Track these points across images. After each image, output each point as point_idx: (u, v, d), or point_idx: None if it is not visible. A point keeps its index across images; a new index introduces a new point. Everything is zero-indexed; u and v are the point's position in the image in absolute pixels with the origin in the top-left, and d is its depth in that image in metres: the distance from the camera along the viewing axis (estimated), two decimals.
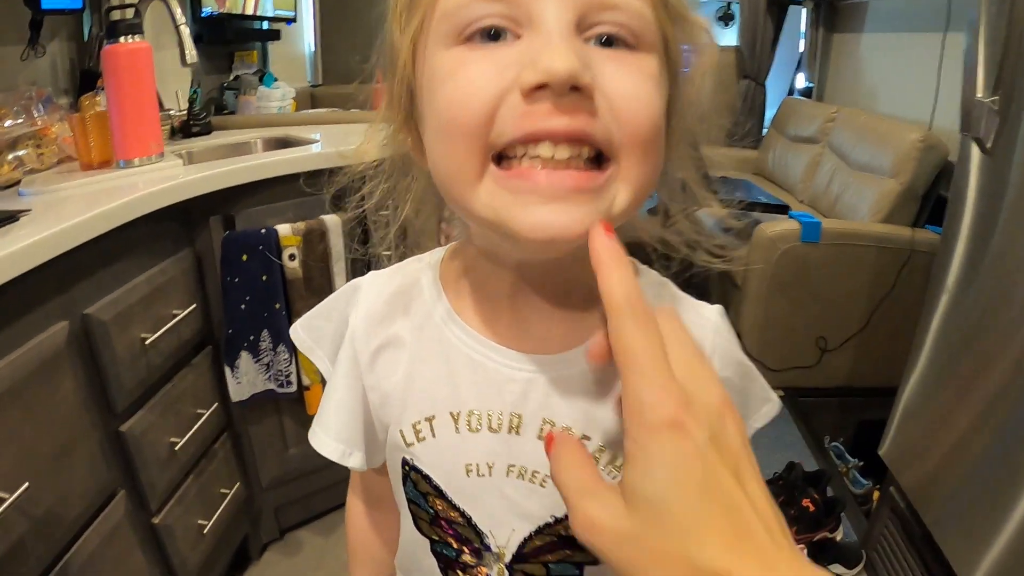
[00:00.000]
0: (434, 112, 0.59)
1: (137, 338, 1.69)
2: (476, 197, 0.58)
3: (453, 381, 0.72)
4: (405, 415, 0.75)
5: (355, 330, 0.78)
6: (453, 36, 0.58)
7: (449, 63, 0.58)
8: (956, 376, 1.89)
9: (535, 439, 0.70)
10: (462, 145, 0.56)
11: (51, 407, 1.45)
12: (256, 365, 2.10)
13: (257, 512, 2.39)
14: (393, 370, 0.76)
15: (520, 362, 0.70)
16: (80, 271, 1.56)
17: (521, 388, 0.70)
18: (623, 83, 0.56)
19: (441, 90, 0.58)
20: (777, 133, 4.75)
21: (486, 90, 0.55)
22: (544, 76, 0.52)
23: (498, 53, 0.56)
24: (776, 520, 0.47)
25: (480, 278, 0.73)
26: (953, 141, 3.05)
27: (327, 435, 0.81)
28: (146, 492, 1.75)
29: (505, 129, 0.55)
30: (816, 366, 3.24)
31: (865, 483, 2.70)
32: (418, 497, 0.77)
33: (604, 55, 0.56)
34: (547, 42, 0.54)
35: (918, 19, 3.69)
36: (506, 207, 0.56)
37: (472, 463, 0.72)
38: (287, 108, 3.55)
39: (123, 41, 2.00)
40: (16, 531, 1.33)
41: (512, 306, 0.71)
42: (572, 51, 0.53)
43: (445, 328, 0.74)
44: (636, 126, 0.56)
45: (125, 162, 2.03)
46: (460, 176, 0.58)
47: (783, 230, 3.11)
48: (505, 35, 0.56)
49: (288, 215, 2.14)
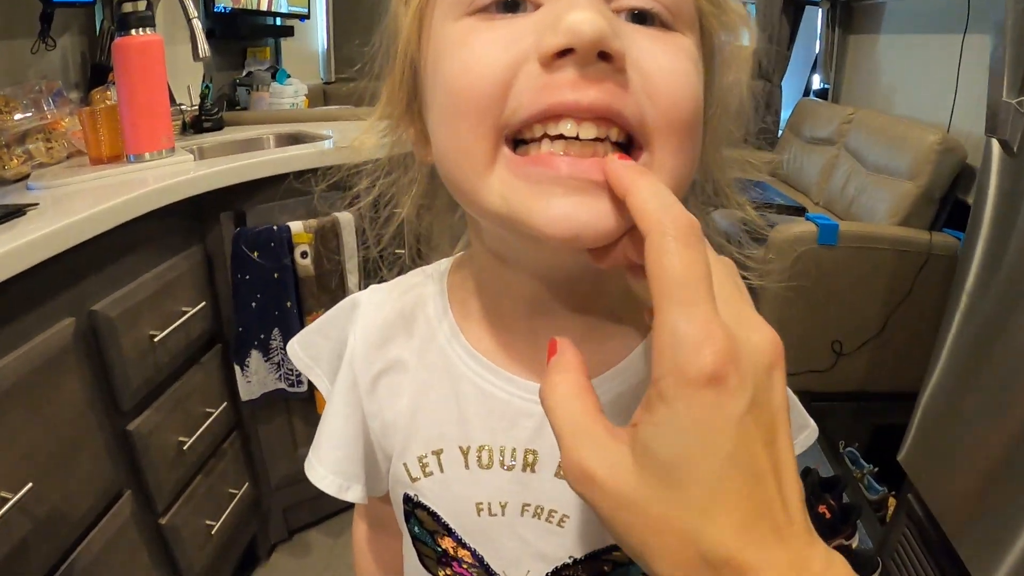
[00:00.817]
0: (440, 88, 0.52)
1: (145, 335, 1.67)
2: (487, 187, 0.50)
3: (462, 412, 0.66)
4: (409, 448, 0.69)
5: (354, 353, 0.72)
6: (464, 5, 0.51)
7: (457, 33, 0.51)
8: (975, 381, 1.87)
9: (552, 477, 0.64)
10: (471, 123, 0.49)
11: (56, 405, 1.43)
12: (267, 364, 2.09)
13: (266, 512, 2.38)
14: (395, 397, 0.70)
15: (535, 394, 0.55)
16: (88, 267, 1.54)
17: (536, 423, 0.63)
18: (660, 59, 0.49)
19: (448, 61, 0.51)
20: (792, 134, 4.71)
21: (499, 59, 0.48)
22: (568, 38, 0.45)
23: (514, 22, 0.49)
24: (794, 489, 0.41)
25: (492, 293, 0.66)
26: (971, 144, 3.02)
27: (323, 467, 0.75)
28: (153, 492, 1.73)
29: (521, 103, 0.47)
30: (831, 370, 3.21)
31: (880, 489, 2.67)
32: (424, 535, 0.71)
33: (637, 30, 0.49)
34: (571, 2, 0.46)
35: (936, 20, 3.65)
36: (522, 199, 0.48)
37: (483, 501, 0.66)
38: (299, 104, 3.54)
39: (134, 34, 1.98)
40: (19, 531, 1.31)
41: (529, 327, 0.64)
42: (600, 12, 0.45)
43: (452, 353, 0.67)
44: (674, 105, 0.49)
45: (135, 156, 2.01)
46: (468, 163, 0.50)
47: (800, 232, 3.07)
48: (524, 6, 0.49)
49: (300, 212, 2.12)
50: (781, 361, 0.42)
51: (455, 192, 0.56)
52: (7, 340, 1.33)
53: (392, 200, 0.74)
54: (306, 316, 2.11)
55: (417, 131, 0.64)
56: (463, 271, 0.71)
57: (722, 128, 0.62)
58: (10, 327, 1.33)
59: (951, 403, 1.98)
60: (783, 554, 0.38)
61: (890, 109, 4.01)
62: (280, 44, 4.14)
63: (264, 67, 3.79)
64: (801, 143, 4.53)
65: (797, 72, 5.54)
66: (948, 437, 1.96)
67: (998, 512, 1.69)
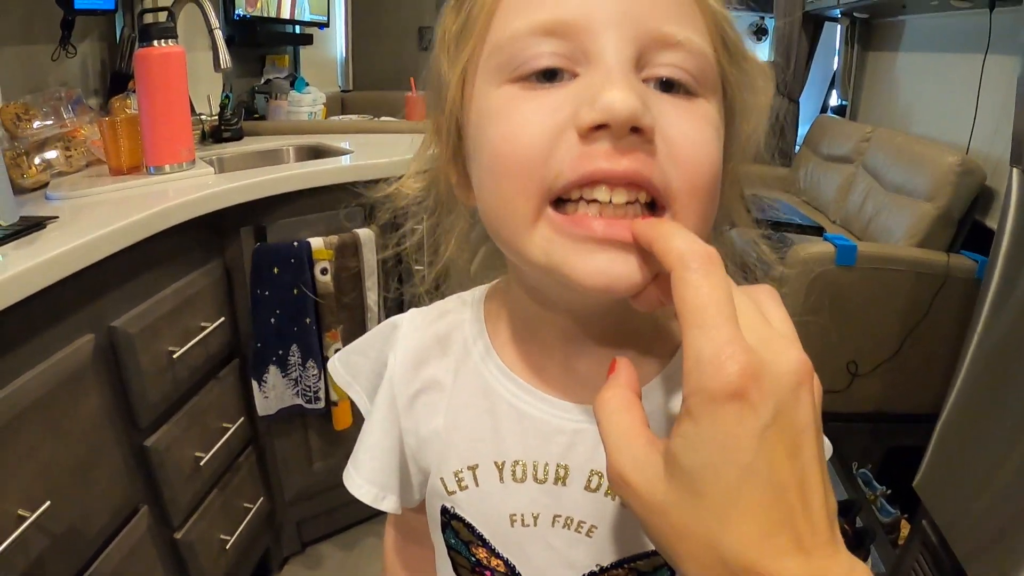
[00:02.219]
0: (485, 150, 0.57)
1: (164, 351, 1.68)
2: (531, 241, 0.55)
3: (497, 429, 0.70)
4: (446, 463, 0.72)
5: (393, 372, 0.76)
6: (506, 73, 0.56)
7: (501, 101, 0.56)
8: (993, 408, 1.86)
9: (582, 490, 0.67)
10: (516, 185, 0.54)
11: (75, 421, 1.43)
12: (284, 380, 2.09)
13: (279, 526, 2.39)
14: (432, 415, 0.74)
15: (569, 412, 0.67)
16: (108, 282, 1.55)
17: (568, 439, 0.67)
18: (684, 127, 0.53)
19: (493, 128, 0.56)
20: (810, 151, 4.71)
21: (541, 127, 0.52)
22: (604, 115, 0.49)
23: (554, 93, 0.53)
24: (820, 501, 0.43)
25: (527, 322, 0.70)
26: (990, 165, 3.01)
27: (361, 477, 0.78)
28: (168, 507, 1.74)
29: (562, 171, 0.52)
30: (846, 390, 3.20)
31: (893, 512, 2.66)
32: (459, 545, 0.74)
33: (663, 99, 0.53)
34: (606, 78, 0.51)
35: (957, 40, 3.64)
36: (563, 254, 0.53)
37: (517, 513, 0.70)
38: (318, 113, 3.56)
39: (156, 45, 1.99)
40: (36, 549, 1.31)
41: (563, 352, 0.68)
42: (633, 89, 0.50)
43: (488, 373, 0.71)
44: (696, 172, 0.53)
45: (155, 169, 2.02)
46: (513, 219, 0.55)
47: (817, 252, 3.06)
48: (561, 76, 0.54)
49: (320, 228, 2.13)
50: (809, 380, 0.44)
51: (498, 241, 0.60)
52: (28, 356, 1.33)
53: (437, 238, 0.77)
54: (325, 332, 2.11)
55: (460, 177, 0.68)
56: (498, 299, 0.75)
57: (741, 174, 0.68)
58: (31, 343, 1.34)
59: (968, 430, 1.98)
60: (802, 563, 0.41)
61: (908, 128, 4.00)
62: (299, 52, 4.15)
63: (283, 75, 3.81)
64: (818, 160, 4.52)
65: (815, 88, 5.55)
66: (964, 464, 1.96)
67: (1011, 540, 1.69)
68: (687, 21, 0.55)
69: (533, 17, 0.54)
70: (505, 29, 0.56)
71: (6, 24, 2.03)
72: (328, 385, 2.17)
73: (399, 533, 0.94)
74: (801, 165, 4.72)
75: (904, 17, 4.23)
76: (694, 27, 0.55)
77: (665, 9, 0.54)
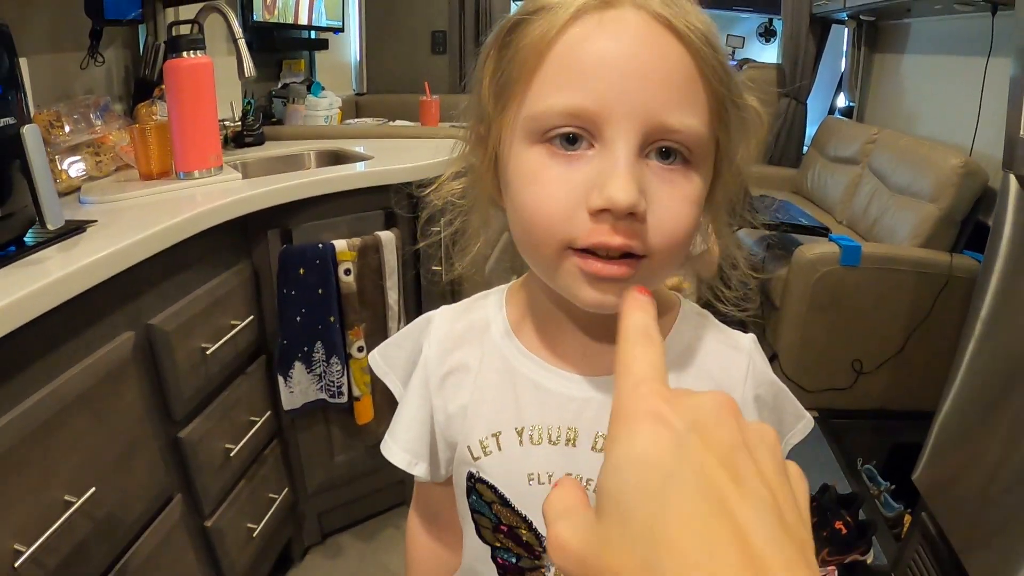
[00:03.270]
0: (518, 204, 0.71)
1: (197, 348, 1.75)
2: (552, 272, 0.71)
3: (517, 401, 0.83)
4: (473, 432, 0.85)
5: (427, 357, 0.89)
6: (536, 135, 0.68)
7: (532, 164, 0.69)
8: (990, 404, 1.91)
9: (589, 450, 0.80)
10: (542, 237, 0.68)
11: (116, 414, 1.50)
12: (309, 375, 2.16)
13: (301, 516, 2.45)
14: (459, 393, 0.87)
15: (578, 383, 0.81)
16: (145, 282, 1.61)
17: (578, 406, 0.80)
18: (670, 207, 0.67)
19: (525, 191, 0.69)
20: (817, 152, 4.75)
21: (561, 203, 0.66)
22: (607, 205, 0.63)
23: (572, 170, 0.66)
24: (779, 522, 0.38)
25: (544, 310, 0.83)
26: (993, 166, 3.06)
27: (397, 445, 0.92)
28: (200, 496, 1.80)
29: (577, 236, 0.66)
30: (851, 388, 3.26)
31: (896, 507, 2.71)
32: (482, 506, 0.86)
33: (659, 174, 0.67)
34: (613, 168, 0.64)
35: (961, 42, 3.68)
36: (573, 285, 0.69)
37: (534, 472, 0.82)
38: (333, 117, 3.61)
39: (186, 56, 2.06)
40: (81, 533, 1.38)
41: (573, 334, 0.81)
42: (633, 182, 0.63)
43: (509, 353, 0.85)
44: (672, 238, 0.67)
45: (185, 174, 2.09)
46: (539, 256, 0.71)
47: (822, 253, 3.13)
48: (581, 142, 0.66)
49: (343, 230, 2.19)
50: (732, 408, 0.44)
51: (527, 262, 0.76)
52: (73, 352, 1.40)
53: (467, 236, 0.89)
54: (348, 330, 2.18)
55: (494, 186, 0.80)
56: (519, 295, 0.89)
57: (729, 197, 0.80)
58: (76, 340, 1.41)
59: (965, 425, 2.02)
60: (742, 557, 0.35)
61: (913, 129, 4.04)
62: (314, 56, 4.21)
63: (299, 79, 3.87)
64: (825, 161, 4.57)
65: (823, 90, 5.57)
66: (961, 458, 2.01)
67: (1007, 533, 1.74)
68: (690, 107, 0.66)
69: (561, 100, 0.66)
70: (539, 103, 0.68)
71: (36, 34, 2.09)
72: (351, 380, 2.24)
73: (422, 515, 1.06)
74: (809, 166, 4.76)
75: (909, 20, 4.27)
76: (695, 111, 0.67)
77: (671, 100, 0.65)
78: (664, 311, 0.84)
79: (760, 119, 0.76)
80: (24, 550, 1.21)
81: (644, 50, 0.65)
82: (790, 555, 0.36)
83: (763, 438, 0.43)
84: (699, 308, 0.88)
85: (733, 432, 0.42)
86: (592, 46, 0.66)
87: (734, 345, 0.86)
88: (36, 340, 1.29)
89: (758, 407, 0.84)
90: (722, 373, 0.83)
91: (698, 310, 0.88)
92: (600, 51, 0.65)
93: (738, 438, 0.42)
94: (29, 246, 1.45)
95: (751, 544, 0.36)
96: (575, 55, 0.66)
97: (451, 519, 0.95)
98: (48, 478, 1.31)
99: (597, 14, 0.66)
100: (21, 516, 1.24)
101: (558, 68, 0.67)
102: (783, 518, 0.38)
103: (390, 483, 2.60)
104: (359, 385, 2.25)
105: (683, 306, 0.87)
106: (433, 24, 5.00)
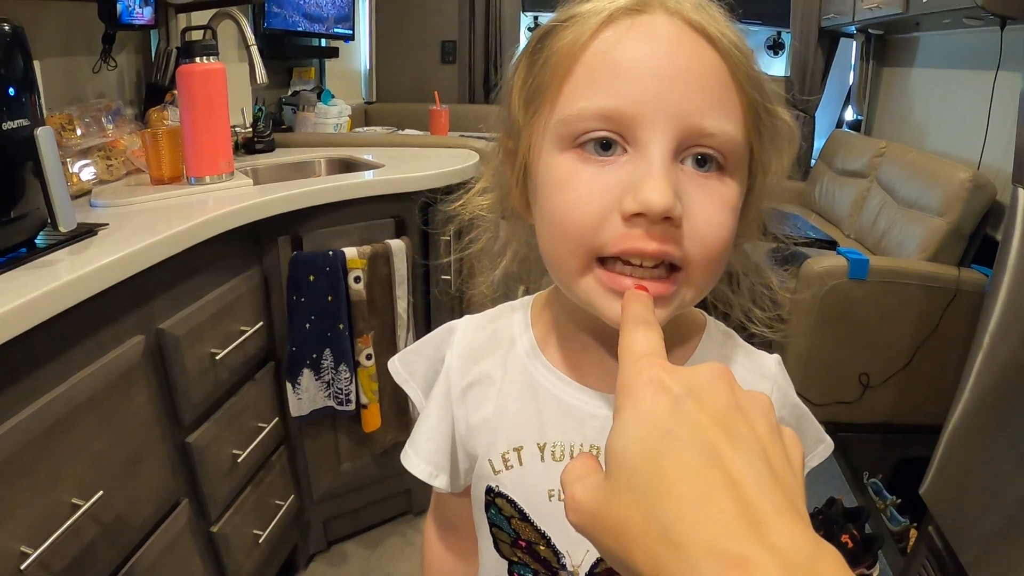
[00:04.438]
0: (547, 211, 0.69)
1: (207, 353, 1.76)
2: (578, 286, 0.68)
3: (540, 416, 0.81)
4: (494, 446, 0.84)
5: (450, 367, 0.88)
6: (568, 141, 0.67)
7: (563, 170, 0.67)
8: (997, 419, 1.91)
9: None
10: (570, 247, 0.67)
11: (125, 417, 1.50)
12: (317, 382, 2.16)
13: (306, 523, 2.45)
14: (482, 404, 0.86)
15: (601, 400, 0.79)
16: (156, 286, 1.62)
17: (601, 424, 0.78)
18: (707, 212, 0.65)
19: (555, 197, 0.68)
20: (825, 165, 4.75)
21: (593, 208, 0.64)
22: (642, 208, 0.61)
23: (605, 173, 0.65)
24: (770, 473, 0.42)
25: (569, 326, 0.82)
26: (1002, 180, 3.06)
27: (418, 457, 0.90)
28: (207, 501, 1.81)
29: (607, 243, 0.64)
30: (858, 401, 3.25)
31: (903, 520, 2.70)
32: (501, 521, 0.85)
33: (695, 179, 0.65)
34: (648, 171, 0.62)
35: (969, 56, 3.68)
36: (600, 300, 0.67)
37: (554, 488, 0.80)
38: (343, 125, 3.63)
39: (199, 61, 2.07)
40: (88, 536, 1.38)
41: (598, 350, 0.80)
42: (669, 185, 0.61)
43: (533, 368, 0.83)
44: (711, 248, 0.66)
45: (196, 179, 2.10)
46: (566, 268, 0.69)
47: (830, 266, 3.12)
48: (615, 148, 0.65)
49: (353, 237, 2.20)
50: (727, 373, 0.49)
51: (552, 274, 0.74)
52: (84, 354, 1.41)
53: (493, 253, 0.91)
54: (357, 338, 2.18)
55: (522, 199, 0.79)
56: (543, 306, 0.88)
57: (761, 213, 0.79)
58: (87, 342, 1.41)
59: (973, 440, 2.02)
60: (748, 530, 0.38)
61: (922, 143, 4.04)
62: (325, 64, 4.23)
63: (309, 87, 3.88)
64: (833, 174, 4.56)
65: (831, 103, 5.57)
66: (969, 473, 2.00)
67: (1015, 548, 1.73)
68: (724, 111, 0.65)
69: (594, 102, 0.65)
70: (571, 106, 0.66)
71: (49, 37, 2.11)
72: (359, 388, 2.24)
73: (438, 524, 1.05)
74: (817, 179, 4.75)
75: (918, 34, 4.27)
76: (730, 116, 0.66)
77: (705, 103, 0.64)
78: (693, 332, 0.85)
79: (792, 132, 0.75)
80: (31, 552, 1.21)
81: (677, 54, 0.64)
82: (779, 502, 0.40)
83: (756, 402, 0.48)
84: (725, 328, 0.87)
85: (727, 395, 0.46)
86: (625, 49, 0.65)
87: (759, 370, 0.85)
88: (47, 342, 1.30)
89: None
90: None
91: (724, 329, 0.87)
92: (633, 54, 0.65)
93: (732, 400, 0.46)
94: (41, 248, 1.46)
95: (743, 491, 0.40)
96: (608, 58, 0.65)
97: (467, 529, 0.95)
98: (56, 480, 1.31)
99: (629, 19, 0.66)
100: (28, 518, 1.24)
101: (591, 72, 0.66)
102: (774, 470, 0.43)
103: (396, 492, 2.60)
104: (367, 393, 2.25)
105: (709, 324, 0.86)
106: (443, 34, 5.02)
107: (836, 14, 4.64)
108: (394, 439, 2.39)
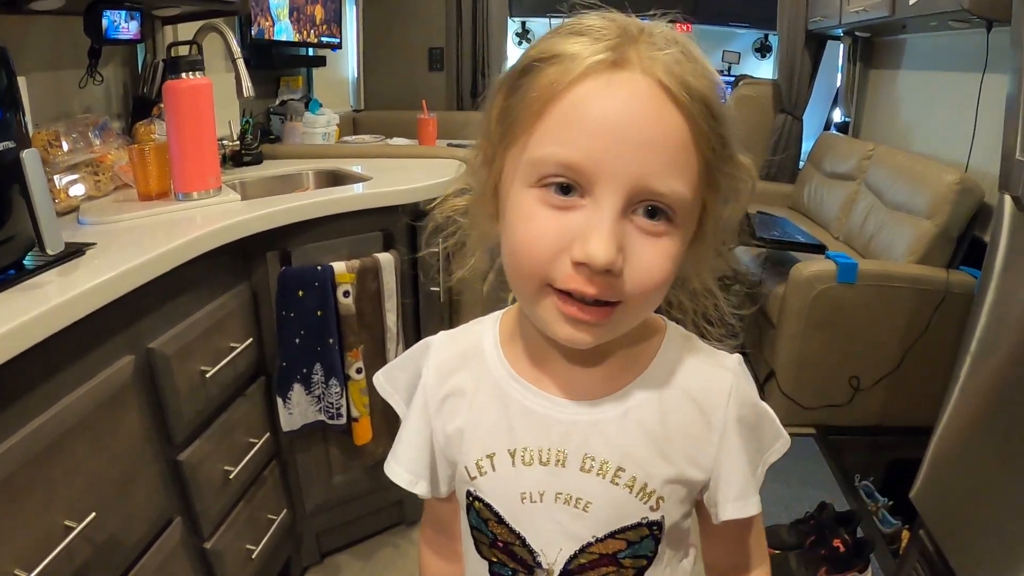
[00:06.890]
0: (509, 239, 0.77)
1: (197, 371, 1.75)
2: (534, 306, 0.77)
3: (510, 424, 0.88)
4: (470, 454, 0.91)
5: (426, 382, 0.96)
6: (534, 179, 0.73)
7: (527, 207, 0.74)
8: (986, 422, 1.92)
9: (578, 471, 0.86)
10: (526, 274, 0.75)
11: (116, 438, 1.50)
12: (308, 397, 2.16)
13: (299, 536, 2.45)
14: (456, 415, 0.93)
15: (565, 407, 0.86)
16: (145, 305, 1.61)
17: (565, 428, 0.86)
18: (646, 260, 0.73)
19: (519, 227, 0.75)
20: (813, 168, 4.76)
21: (548, 245, 0.72)
22: (586, 260, 0.69)
23: (564, 216, 0.72)
24: None
25: (535, 338, 0.88)
26: (989, 182, 3.07)
27: (400, 466, 0.99)
28: (200, 518, 1.80)
29: (557, 279, 0.73)
30: (848, 405, 3.26)
31: (894, 523, 2.72)
32: (480, 523, 0.93)
33: (643, 229, 0.73)
34: (597, 226, 0.70)
35: (956, 58, 3.69)
36: (550, 321, 0.76)
37: (526, 491, 0.88)
38: (331, 134, 3.62)
39: (185, 77, 2.07)
40: (81, 558, 1.38)
41: (561, 362, 0.87)
42: (613, 242, 0.69)
43: (503, 380, 0.90)
44: (646, 289, 0.74)
45: (184, 195, 2.10)
46: (524, 290, 0.77)
47: (819, 270, 3.14)
48: (574, 191, 0.72)
49: (343, 252, 2.20)
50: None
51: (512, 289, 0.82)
52: (74, 376, 1.40)
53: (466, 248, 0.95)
54: (347, 352, 2.18)
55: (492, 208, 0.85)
56: (510, 322, 0.94)
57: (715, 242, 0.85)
58: (77, 365, 1.41)
59: (962, 443, 2.03)
60: None
61: (909, 145, 4.06)
62: (312, 73, 4.22)
63: (297, 96, 3.88)
64: (821, 177, 4.58)
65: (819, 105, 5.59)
66: (959, 474, 2.02)
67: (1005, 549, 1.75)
68: (678, 172, 0.72)
69: (560, 152, 0.71)
70: (539, 150, 0.73)
71: (35, 52, 2.10)
72: (349, 402, 2.24)
73: (432, 528, 1.12)
74: (805, 182, 4.78)
75: (905, 36, 4.28)
76: (683, 176, 0.73)
77: (662, 165, 0.71)
78: (650, 334, 0.90)
79: (751, 177, 0.81)
80: None
81: (643, 116, 0.70)
82: None
83: None
84: (685, 331, 0.92)
85: None
86: (595, 106, 0.71)
87: (719, 364, 0.90)
88: (36, 365, 1.29)
89: (740, 428, 0.87)
90: (705, 392, 0.87)
91: (684, 333, 0.92)
92: (602, 112, 0.70)
93: None
94: (29, 269, 1.46)
95: None
96: (578, 112, 0.71)
97: (458, 531, 1.01)
98: (49, 503, 1.31)
99: (607, 75, 0.71)
100: (22, 542, 1.24)
101: (561, 120, 0.72)
102: None
103: (388, 503, 2.60)
104: (358, 406, 2.25)
105: (669, 329, 0.91)
106: (431, 41, 5.01)
107: (823, 17, 4.66)
108: (385, 451, 2.35)
